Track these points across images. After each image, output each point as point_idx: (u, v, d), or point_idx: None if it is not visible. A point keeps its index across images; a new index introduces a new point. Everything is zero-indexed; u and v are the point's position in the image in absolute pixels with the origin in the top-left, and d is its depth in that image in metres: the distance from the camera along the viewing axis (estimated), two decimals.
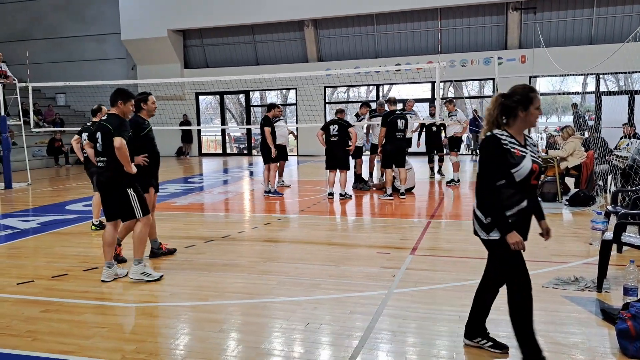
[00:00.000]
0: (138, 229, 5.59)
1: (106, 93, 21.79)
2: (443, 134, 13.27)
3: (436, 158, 13.71)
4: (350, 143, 10.74)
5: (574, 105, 17.73)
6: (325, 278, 5.48)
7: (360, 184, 12.02)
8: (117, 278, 5.62)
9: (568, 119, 32.64)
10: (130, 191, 5.50)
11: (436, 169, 13.83)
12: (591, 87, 21.46)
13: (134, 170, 5.53)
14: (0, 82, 14.12)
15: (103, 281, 5.51)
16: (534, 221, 3.68)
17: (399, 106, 11.37)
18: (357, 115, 12.60)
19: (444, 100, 13.48)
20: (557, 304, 4.60)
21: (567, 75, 19.39)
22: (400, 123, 10.36)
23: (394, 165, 10.51)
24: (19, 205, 11.13)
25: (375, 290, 5.08)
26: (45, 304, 4.90)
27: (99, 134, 5.52)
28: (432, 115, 12.95)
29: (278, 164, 11.83)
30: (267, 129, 10.96)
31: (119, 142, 5.33)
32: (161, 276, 5.59)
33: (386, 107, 10.96)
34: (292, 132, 14.32)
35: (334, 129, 10.59)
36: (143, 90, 23.73)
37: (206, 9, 22.46)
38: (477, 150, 20.95)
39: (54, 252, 6.91)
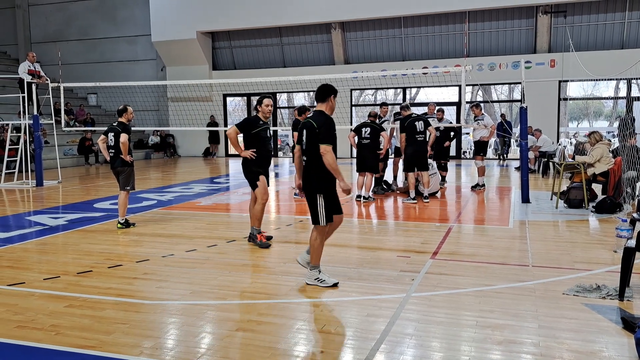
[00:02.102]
0: (313, 236, 5.36)
1: (136, 94, 22.22)
2: (460, 137, 12.67)
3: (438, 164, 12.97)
4: (381, 147, 10.72)
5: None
6: (344, 280, 5.50)
7: (376, 187, 11.77)
8: (321, 284, 5.31)
9: (600, 124, 32.16)
10: (319, 197, 5.24)
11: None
12: (623, 92, 21.08)
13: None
14: (33, 81, 14.49)
15: (307, 284, 5.36)
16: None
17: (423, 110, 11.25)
18: (379, 117, 12.54)
19: (471, 104, 13.30)
20: (577, 311, 4.55)
21: (597, 80, 19.08)
22: (419, 125, 10.34)
23: (416, 169, 10.48)
24: (49, 202, 11.39)
25: (393, 293, 5.08)
26: (70, 299, 5.03)
27: (304, 131, 5.29)
28: (440, 120, 12.59)
29: None
30: (296, 134, 10.94)
31: (322, 148, 5.11)
32: (336, 283, 5.32)
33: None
34: None
35: (365, 132, 10.55)
36: (172, 90, 24.20)
37: (235, 12, 22.69)
38: (504, 155, 20.82)
39: (81, 249, 7.07)
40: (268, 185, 7.24)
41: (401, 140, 10.63)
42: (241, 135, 6.99)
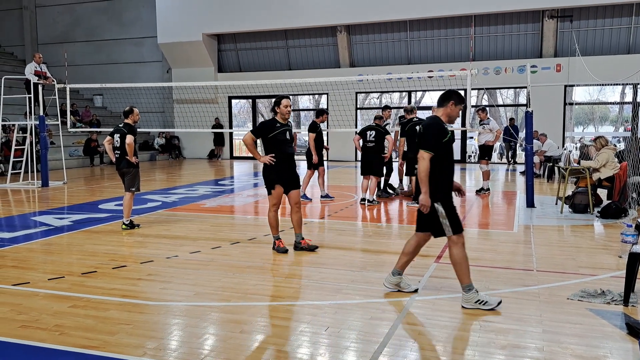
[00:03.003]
0: (452, 252, 4.84)
1: (141, 95, 22.27)
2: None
3: None
4: (386, 150, 10.70)
5: None
6: (348, 283, 5.50)
7: (380, 191, 11.71)
8: (484, 307, 4.69)
9: (606, 129, 32.05)
10: (438, 206, 4.81)
11: None
12: (629, 97, 21.01)
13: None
14: (40, 82, 14.55)
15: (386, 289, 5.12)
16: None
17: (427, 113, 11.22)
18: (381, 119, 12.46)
19: (476, 108, 13.30)
20: (581, 316, 4.53)
21: (603, 84, 19.03)
22: (420, 128, 10.30)
23: None
24: (55, 203, 11.43)
25: (397, 296, 5.08)
26: (74, 299, 5.04)
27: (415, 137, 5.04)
28: None
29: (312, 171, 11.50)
30: (312, 135, 10.83)
31: (420, 154, 4.81)
32: (499, 302, 4.71)
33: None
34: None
35: (370, 135, 10.53)
36: (177, 92, 24.24)
37: (241, 14, 22.74)
38: (509, 159, 20.76)
39: (85, 250, 7.08)
40: (297, 187, 6.99)
41: (400, 144, 10.62)
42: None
